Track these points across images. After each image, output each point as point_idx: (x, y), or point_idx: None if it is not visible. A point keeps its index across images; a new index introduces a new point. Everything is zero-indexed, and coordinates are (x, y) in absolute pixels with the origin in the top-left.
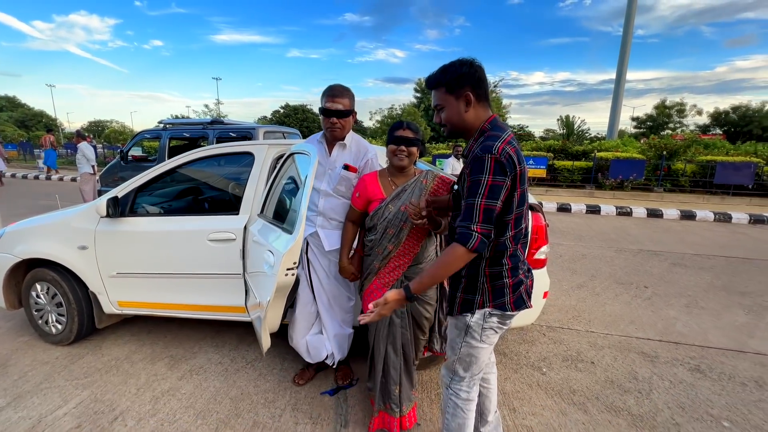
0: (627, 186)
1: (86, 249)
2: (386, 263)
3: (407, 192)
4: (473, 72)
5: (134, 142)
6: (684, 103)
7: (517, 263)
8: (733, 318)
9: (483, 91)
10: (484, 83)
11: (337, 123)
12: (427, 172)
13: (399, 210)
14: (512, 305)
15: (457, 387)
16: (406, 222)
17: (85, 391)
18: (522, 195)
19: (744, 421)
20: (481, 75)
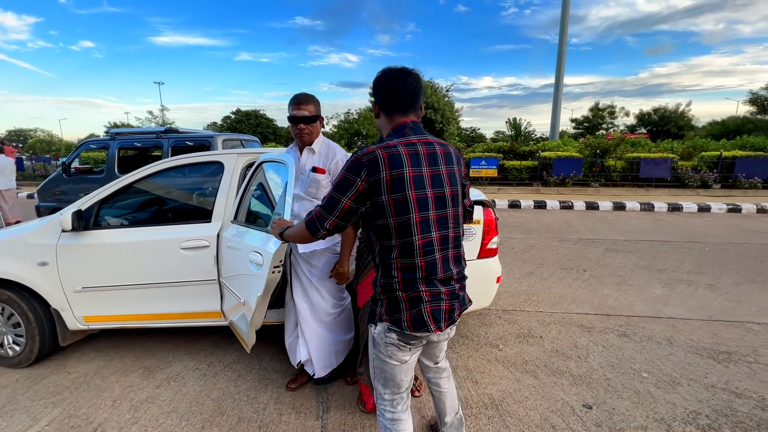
0: (568, 182)
1: (47, 265)
2: None
3: None
4: (375, 83)
5: (77, 152)
6: (614, 105)
7: (412, 278)
8: (653, 291)
9: (388, 102)
10: (390, 94)
11: (304, 129)
12: None
13: None
14: (409, 324)
15: (381, 407)
16: None
17: (55, 408)
18: (400, 203)
19: (658, 371)
20: (383, 86)
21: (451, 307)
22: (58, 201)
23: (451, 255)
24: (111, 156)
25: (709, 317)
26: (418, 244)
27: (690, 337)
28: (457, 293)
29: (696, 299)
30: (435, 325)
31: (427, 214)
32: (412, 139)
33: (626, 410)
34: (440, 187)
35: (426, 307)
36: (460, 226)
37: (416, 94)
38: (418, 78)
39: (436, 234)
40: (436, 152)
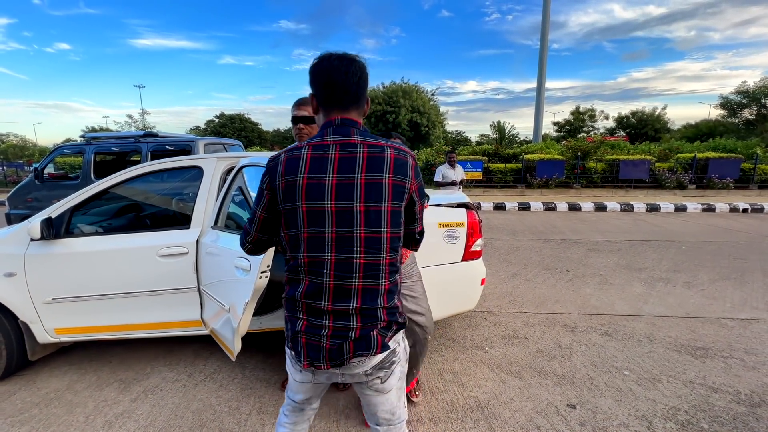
0: (551, 184)
1: (14, 276)
2: None
3: None
4: (311, 74)
5: (51, 158)
6: (594, 109)
7: (292, 298)
8: (633, 290)
9: (327, 96)
10: (329, 87)
11: (303, 129)
12: None
13: None
14: (290, 344)
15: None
16: None
17: (23, 427)
18: (290, 214)
19: (639, 369)
20: (322, 77)
21: (333, 347)
22: (30, 208)
23: (357, 286)
24: (87, 161)
25: (687, 314)
26: (303, 263)
27: (669, 334)
28: (349, 331)
29: (674, 297)
30: (307, 360)
31: (323, 230)
32: (326, 140)
33: (609, 408)
34: (349, 200)
35: (302, 337)
36: (381, 252)
37: (360, 88)
38: (363, 68)
39: (332, 256)
40: (357, 156)
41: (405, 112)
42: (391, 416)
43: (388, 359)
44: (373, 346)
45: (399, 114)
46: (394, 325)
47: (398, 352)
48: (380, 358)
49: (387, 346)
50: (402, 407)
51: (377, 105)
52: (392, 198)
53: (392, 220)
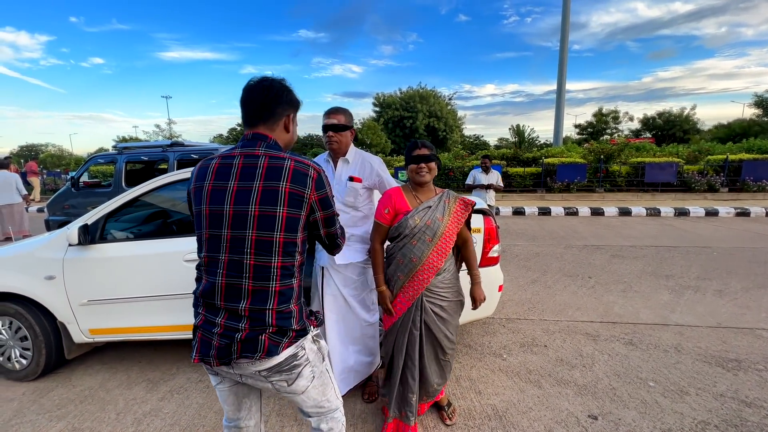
0: (573, 188)
1: (53, 279)
2: (411, 277)
3: (432, 209)
4: None
5: (86, 167)
6: (618, 110)
7: (196, 293)
8: (660, 298)
9: (242, 113)
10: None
11: (333, 137)
12: (448, 192)
13: (426, 224)
14: (192, 344)
15: None
16: (433, 237)
17: (60, 422)
18: (197, 216)
19: (665, 380)
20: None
21: (222, 345)
22: (67, 215)
23: (247, 287)
24: (118, 170)
25: (718, 324)
26: (203, 262)
27: (698, 345)
28: (237, 333)
29: (704, 305)
30: (198, 355)
31: (220, 231)
32: (234, 152)
33: (633, 420)
34: (245, 204)
35: (198, 332)
36: (273, 255)
37: (259, 107)
38: (267, 88)
39: (226, 256)
40: (258, 165)
41: (422, 117)
42: (319, 409)
43: (286, 363)
44: (259, 350)
45: (416, 119)
46: (290, 332)
47: (301, 356)
48: (274, 363)
49: (275, 352)
50: (329, 399)
51: (394, 111)
52: (288, 205)
53: (287, 225)
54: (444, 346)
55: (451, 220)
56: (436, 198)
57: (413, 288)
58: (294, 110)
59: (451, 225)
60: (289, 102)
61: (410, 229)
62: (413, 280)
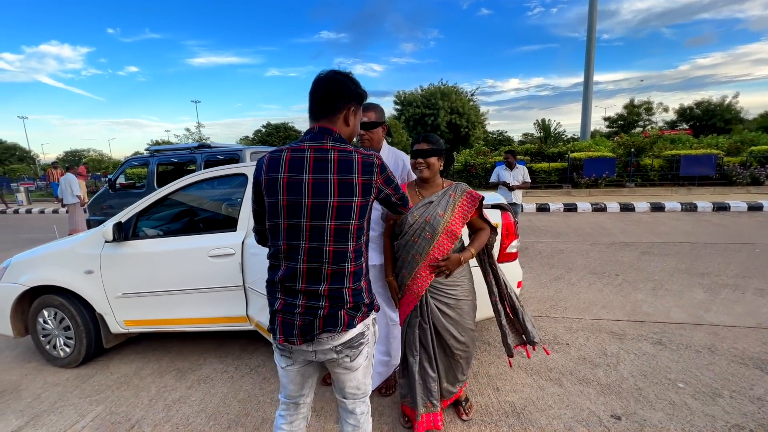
0: (601, 183)
1: (92, 273)
2: (413, 274)
3: (434, 204)
4: None
5: (122, 169)
6: (651, 101)
7: (273, 280)
8: (693, 296)
9: (309, 107)
10: (309, 101)
11: (365, 134)
12: (456, 185)
13: (425, 220)
14: (270, 324)
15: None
16: (433, 234)
17: (99, 406)
18: (272, 206)
19: (696, 381)
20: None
21: (305, 322)
22: (105, 215)
23: (326, 270)
24: (151, 171)
25: (758, 324)
26: (282, 249)
27: (734, 346)
28: (319, 310)
29: (743, 305)
30: (283, 336)
31: (299, 221)
32: (303, 145)
33: (659, 422)
34: (323, 196)
35: (278, 316)
36: (347, 240)
37: (324, 101)
38: (332, 82)
39: (306, 243)
40: (329, 159)
41: (444, 114)
42: (357, 391)
43: (356, 340)
44: (339, 324)
45: (438, 116)
46: (362, 306)
47: (367, 335)
48: (349, 337)
49: (353, 325)
50: (367, 384)
51: (415, 108)
52: (361, 195)
53: (360, 213)
54: (451, 347)
55: (455, 215)
56: (439, 193)
57: (417, 285)
58: (356, 103)
59: (454, 220)
60: (351, 95)
61: (409, 225)
62: (416, 278)
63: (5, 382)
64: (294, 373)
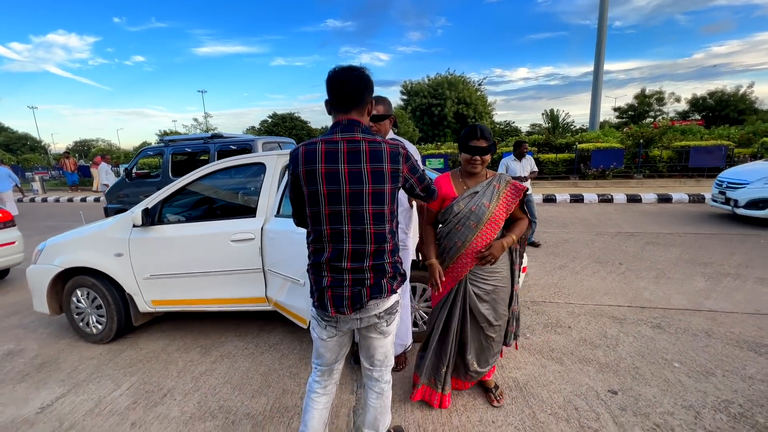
0: (608, 174)
1: (122, 256)
2: (455, 260)
3: (479, 194)
4: (326, 82)
5: (137, 159)
6: (662, 91)
7: (318, 263)
8: (694, 285)
9: (331, 100)
10: (331, 93)
11: (373, 126)
12: (500, 176)
13: (470, 210)
14: (317, 303)
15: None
16: (478, 223)
17: (133, 377)
18: (312, 195)
19: (691, 362)
20: (328, 85)
21: (354, 293)
22: (121, 203)
23: (369, 250)
24: (166, 161)
25: (756, 311)
26: (326, 233)
27: (731, 330)
28: (365, 281)
29: (743, 293)
30: (334, 308)
31: (340, 207)
32: (335, 137)
33: (653, 396)
34: (359, 184)
35: (327, 292)
36: (384, 222)
37: (354, 94)
38: (359, 77)
39: (349, 227)
40: (360, 150)
41: (451, 104)
42: (384, 358)
43: (394, 306)
44: (384, 290)
45: (444, 106)
46: (398, 276)
47: (399, 303)
48: (390, 303)
49: (395, 291)
50: (393, 354)
51: (422, 98)
52: (391, 182)
53: (391, 198)
54: (485, 330)
55: (499, 205)
56: (484, 183)
57: (456, 270)
58: (372, 95)
59: (499, 210)
60: (372, 89)
61: (454, 215)
62: (456, 264)
63: (45, 355)
64: (333, 343)
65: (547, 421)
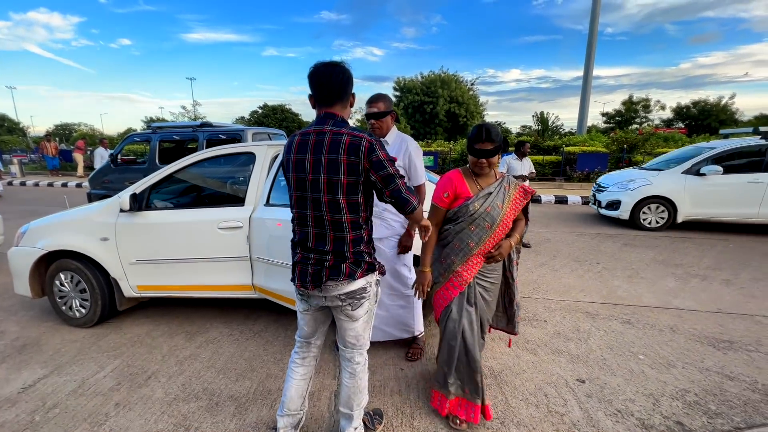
0: (593, 178)
1: (107, 240)
2: (465, 261)
3: (493, 194)
4: (307, 77)
5: (123, 145)
6: (649, 99)
7: (292, 241)
8: (665, 284)
9: (314, 95)
10: (313, 89)
11: (375, 123)
12: (508, 177)
13: (486, 210)
14: (292, 276)
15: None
16: (492, 224)
17: (117, 360)
18: (288, 181)
19: (655, 354)
20: (310, 80)
21: (315, 271)
22: (106, 189)
23: (329, 236)
24: (153, 148)
25: (718, 309)
26: (295, 216)
27: (694, 327)
28: (325, 262)
29: (708, 293)
30: (300, 282)
31: (305, 194)
32: (310, 129)
33: (617, 385)
34: (317, 173)
35: (297, 267)
36: (342, 213)
37: (335, 88)
38: (340, 72)
39: (311, 212)
40: (324, 141)
41: (443, 103)
42: (356, 341)
43: (359, 293)
44: (342, 273)
45: (437, 104)
46: (363, 263)
47: (369, 291)
48: (352, 288)
49: (353, 278)
50: (366, 337)
51: (415, 95)
52: (347, 173)
53: (347, 190)
54: (483, 328)
55: (510, 207)
56: (496, 184)
57: (467, 272)
58: (352, 89)
59: (509, 212)
60: (352, 83)
61: (470, 215)
62: (467, 264)
63: (26, 337)
64: (309, 317)
65: (518, 406)
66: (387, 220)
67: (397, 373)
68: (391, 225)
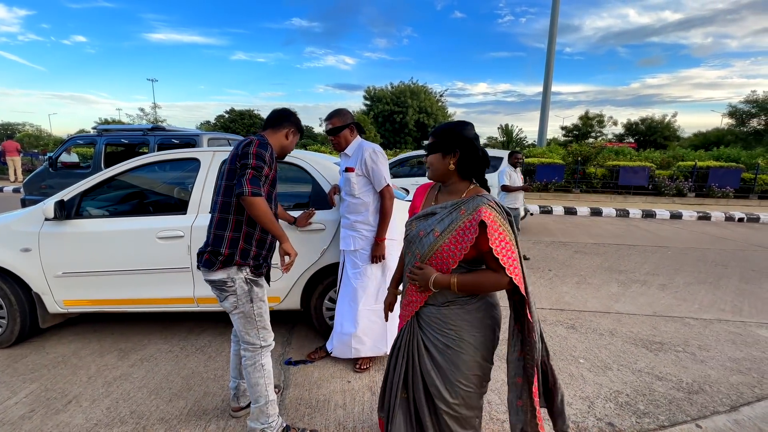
0: (551, 188)
1: (29, 251)
2: (405, 292)
3: (435, 216)
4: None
5: (64, 147)
6: (603, 115)
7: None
8: (609, 289)
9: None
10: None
11: (333, 140)
12: (479, 199)
13: (417, 234)
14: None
15: None
16: (422, 254)
17: (33, 384)
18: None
19: (594, 358)
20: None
21: (198, 259)
22: (43, 195)
23: (212, 232)
24: (98, 152)
25: (654, 313)
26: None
27: (631, 330)
28: (202, 253)
29: (646, 297)
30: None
31: (216, 198)
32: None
33: None
34: (221, 180)
35: None
36: (216, 211)
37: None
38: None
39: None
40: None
41: (412, 113)
42: (240, 335)
43: (220, 284)
44: (200, 261)
45: (406, 114)
46: (220, 256)
47: (232, 287)
48: (213, 278)
49: (210, 267)
50: (250, 335)
51: (385, 105)
52: (227, 179)
53: (224, 191)
54: (434, 397)
55: (450, 239)
56: (450, 203)
57: (406, 309)
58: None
59: (449, 244)
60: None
61: (406, 235)
62: (406, 295)
63: None
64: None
65: None
66: (351, 232)
67: (343, 386)
68: (354, 237)
